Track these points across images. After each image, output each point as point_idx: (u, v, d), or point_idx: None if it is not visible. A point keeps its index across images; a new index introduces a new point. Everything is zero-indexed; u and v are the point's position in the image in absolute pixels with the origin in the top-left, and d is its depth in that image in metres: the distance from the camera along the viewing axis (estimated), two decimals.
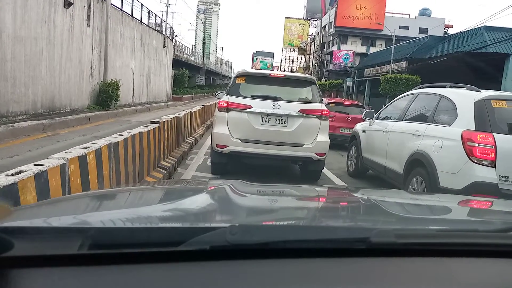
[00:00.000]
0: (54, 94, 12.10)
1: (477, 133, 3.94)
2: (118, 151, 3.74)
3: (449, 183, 4.05)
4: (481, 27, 24.83)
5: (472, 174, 3.90)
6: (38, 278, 0.71)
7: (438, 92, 4.91)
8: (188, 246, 0.77)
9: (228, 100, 5.63)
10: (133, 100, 20.46)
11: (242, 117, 5.56)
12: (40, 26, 10.83)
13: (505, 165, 3.83)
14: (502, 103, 4.10)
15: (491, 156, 3.85)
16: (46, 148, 7.52)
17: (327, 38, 55.24)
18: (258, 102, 5.58)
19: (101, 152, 3.27)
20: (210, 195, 1.41)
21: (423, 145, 4.52)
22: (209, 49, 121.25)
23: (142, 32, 21.36)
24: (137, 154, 4.42)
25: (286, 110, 5.54)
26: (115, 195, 1.49)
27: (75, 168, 2.76)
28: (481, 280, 0.86)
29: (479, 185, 3.84)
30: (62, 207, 1.19)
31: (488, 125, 3.96)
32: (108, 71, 16.00)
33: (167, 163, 5.98)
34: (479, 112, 4.06)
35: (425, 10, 52.17)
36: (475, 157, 3.90)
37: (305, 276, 0.78)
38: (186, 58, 40.97)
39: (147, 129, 4.84)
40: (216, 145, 5.69)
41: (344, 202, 1.64)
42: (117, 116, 14.86)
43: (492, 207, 1.67)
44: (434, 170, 4.21)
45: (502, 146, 3.85)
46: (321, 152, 5.70)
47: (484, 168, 3.87)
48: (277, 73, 6.09)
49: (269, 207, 1.40)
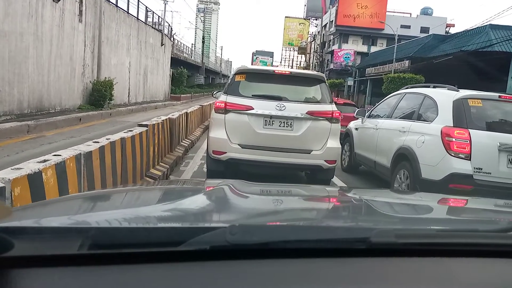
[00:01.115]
0: (43, 93, 11.40)
1: (454, 129, 4.30)
2: (92, 162, 3.07)
3: (429, 175, 4.39)
4: (486, 26, 24.33)
5: (449, 166, 4.23)
6: (38, 278, 0.71)
7: (422, 92, 5.29)
8: (188, 246, 0.77)
9: (226, 101, 4.96)
10: (129, 99, 19.78)
11: (242, 120, 4.90)
12: (26, 20, 10.12)
13: (479, 158, 4.18)
14: (477, 102, 4.48)
15: (467, 150, 4.19)
16: (27, 153, 6.85)
17: (328, 37, 54.72)
18: (260, 102, 4.91)
19: (65, 166, 2.60)
20: (210, 195, 1.40)
21: (407, 140, 4.86)
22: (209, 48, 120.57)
23: (139, 30, 20.68)
24: (118, 164, 3.75)
25: (292, 112, 4.88)
26: (115, 195, 1.48)
27: (22, 191, 2.10)
28: (481, 280, 0.85)
29: (456, 176, 4.18)
30: (62, 207, 1.19)
31: (465, 121, 4.33)
32: (102, 69, 15.33)
33: (158, 171, 5.31)
34: (457, 110, 4.43)
35: (427, 9, 51.70)
36: (453, 151, 4.24)
37: (305, 276, 0.78)
38: (185, 57, 40.38)
39: (131, 133, 4.17)
40: (213, 151, 5.02)
41: (344, 202, 1.63)
42: (110, 116, 14.18)
43: (492, 207, 1.67)
44: (417, 163, 4.54)
45: (476, 141, 4.19)
46: (332, 160, 5.05)
47: (460, 161, 4.21)
48: (281, 69, 5.42)
49: (269, 207, 1.39)
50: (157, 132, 5.44)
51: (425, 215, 1.44)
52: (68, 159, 2.67)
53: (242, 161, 4.95)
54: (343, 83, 42.19)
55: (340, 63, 47.29)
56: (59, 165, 2.54)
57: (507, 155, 4.20)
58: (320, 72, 5.72)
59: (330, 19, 52.11)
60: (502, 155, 4.20)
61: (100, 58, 15.20)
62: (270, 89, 5.14)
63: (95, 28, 14.71)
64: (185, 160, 7.34)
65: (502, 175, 4.17)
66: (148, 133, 4.86)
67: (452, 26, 51.69)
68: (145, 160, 4.73)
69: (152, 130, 5.11)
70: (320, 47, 57.19)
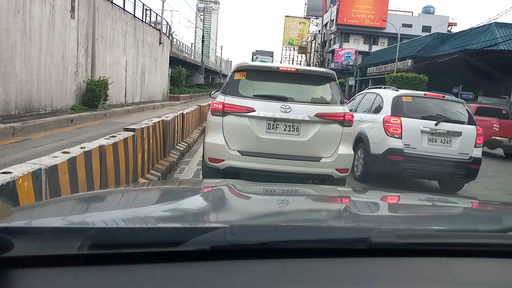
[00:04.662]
0: (32, 93, 10.79)
1: (391, 117, 5.92)
2: (58, 178, 2.50)
3: (375, 150, 6.01)
4: (491, 24, 23.78)
5: (387, 143, 5.84)
6: (38, 278, 0.71)
7: (376, 91, 7.00)
8: (188, 246, 0.77)
9: (224, 102, 4.38)
10: (126, 99, 19.17)
11: (242, 123, 4.32)
12: (12, 15, 9.51)
13: (408, 137, 5.78)
14: (409, 98, 6.16)
15: (399, 132, 5.79)
16: (7, 158, 6.28)
17: (329, 36, 54.26)
18: (262, 103, 4.33)
19: (14, 186, 2.02)
20: (209, 195, 1.40)
21: (363, 127, 6.41)
22: (209, 48, 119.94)
23: (136, 27, 20.07)
24: (96, 176, 3.17)
25: (298, 114, 4.31)
26: (115, 195, 1.47)
27: None
28: (481, 280, 0.86)
29: (392, 150, 5.76)
30: (62, 207, 1.20)
31: (399, 112, 5.96)
32: (97, 68, 14.73)
33: (148, 180, 4.73)
34: (394, 104, 6.06)
35: (429, 7, 51.24)
36: (389, 133, 5.84)
37: (305, 276, 0.78)
38: (184, 56, 39.81)
39: (114, 140, 3.59)
40: (209, 158, 4.45)
41: (344, 202, 1.60)
42: (105, 117, 13.58)
43: (492, 207, 1.71)
44: (368, 143, 6.18)
45: (406, 125, 5.82)
46: (344, 168, 4.48)
47: (394, 139, 5.80)
48: (287, 66, 4.84)
49: (269, 207, 1.38)
50: (147, 136, 4.86)
51: (425, 215, 1.44)
52: (21, 176, 2.09)
53: (242, 170, 4.37)
54: (344, 83, 41.63)
55: (341, 62, 46.86)
56: (7, 186, 1.97)
57: (427, 135, 5.81)
58: (330, 70, 5.12)
59: (331, 18, 51.63)
60: (424, 135, 5.81)
61: (94, 57, 14.59)
62: (273, 88, 4.57)
63: (88, 25, 14.09)
64: (180, 166, 6.76)
65: (424, 149, 5.77)
66: (136, 138, 4.28)
67: (454, 25, 51.25)
68: (131, 170, 4.14)
69: (141, 134, 4.53)
70: (320, 46, 56.68)
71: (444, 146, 5.81)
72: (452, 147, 5.82)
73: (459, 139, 5.83)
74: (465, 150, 5.84)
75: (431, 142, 5.80)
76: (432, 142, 5.80)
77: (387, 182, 6.18)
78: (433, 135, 5.79)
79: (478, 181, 6.48)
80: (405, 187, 6.29)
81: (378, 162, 5.97)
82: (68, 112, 12.33)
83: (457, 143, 5.83)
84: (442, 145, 5.81)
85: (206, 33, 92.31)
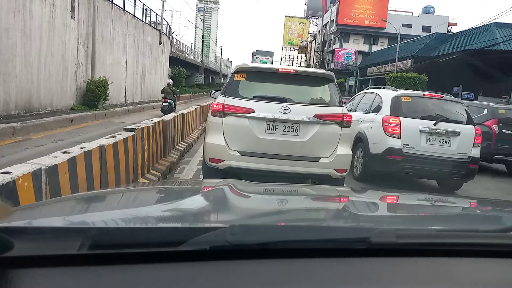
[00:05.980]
0: (32, 93, 10.80)
1: (390, 117, 5.95)
2: (58, 178, 2.51)
3: (374, 150, 6.04)
4: (491, 24, 23.76)
5: (386, 143, 5.87)
6: (38, 278, 0.71)
7: (375, 91, 7.02)
8: (188, 246, 0.76)
9: (224, 103, 4.40)
10: (126, 99, 19.18)
11: (241, 124, 4.34)
12: (12, 15, 9.53)
13: (407, 137, 5.80)
14: (407, 98, 6.19)
15: (398, 132, 5.82)
16: (7, 158, 6.30)
17: (329, 37, 54.24)
18: (262, 104, 4.35)
19: (15, 186, 2.04)
20: (210, 195, 1.40)
21: (362, 127, 6.46)
22: (209, 48, 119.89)
23: (136, 27, 20.09)
24: (96, 176, 3.19)
25: (297, 115, 4.33)
26: (115, 195, 1.47)
27: None
28: (481, 280, 0.85)
29: (391, 149, 5.80)
30: (62, 207, 1.19)
31: (398, 112, 5.98)
32: (97, 68, 14.74)
33: (147, 180, 4.74)
34: (393, 104, 6.10)
35: (429, 8, 51.20)
36: (388, 133, 5.87)
37: (305, 276, 0.78)
38: (184, 56, 39.82)
39: (114, 140, 3.60)
40: (209, 158, 4.47)
41: (344, 202, 1.60)
42: (105, 117, 13.60)
43: (492, 207, 1.67)
44: (367, 143, 6.21)
45: (404, 125, 5.83)
46: (342, 168, 4.49)
47: (394, 139, 5.83)
48: (286, 67, 4.85)
49: (269, 207, 1.38)
50: (147, 136, 4.87)
51: (425, 215, 1.43)
52: (21, 176, 2.10)
53: (242, 170, 4.39)
54: (344, 83, 41.62)
55: (341, 62, 46.83)
56: (7, 186, 1.98)
57: (426, 135, 5.83)
58: (329, 71, 5.13)
59: (331, 18, 51.60)
60: (423, 135, 5.83)
61: (94, 57, 14.61)
62: (273, 89, 4.58)
63: (88, 25, 14.11)
64: (180, 166, 6.77)
65: (422, 149, 5.79)
66: (136, 138, 4.29)
67: (454, 25, 51.20)
68: (131, 170, 4.16)
69: (141, 134, 4.54)
70: (320, 47, 56.67)
71: (442, 146, 5.83)
72: (451, 146, 5.84)
73: (457, 139, 5.85)
74: (463, 150, 5.86)
75: (430, 142, 5.82)
76: (431, 142, 5.82)
77: (386, 181, 6.15)
78: (432, 135, 5.81)
79: (478, 181, 6.50)
80: (404, 186, 6.30)
81: (377, 162, 5.98)
82: (68, 112, 12.35)
83: (456, 143, 5.85)
84: (441, 145, 5.83)
85: (206, 33, 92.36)
